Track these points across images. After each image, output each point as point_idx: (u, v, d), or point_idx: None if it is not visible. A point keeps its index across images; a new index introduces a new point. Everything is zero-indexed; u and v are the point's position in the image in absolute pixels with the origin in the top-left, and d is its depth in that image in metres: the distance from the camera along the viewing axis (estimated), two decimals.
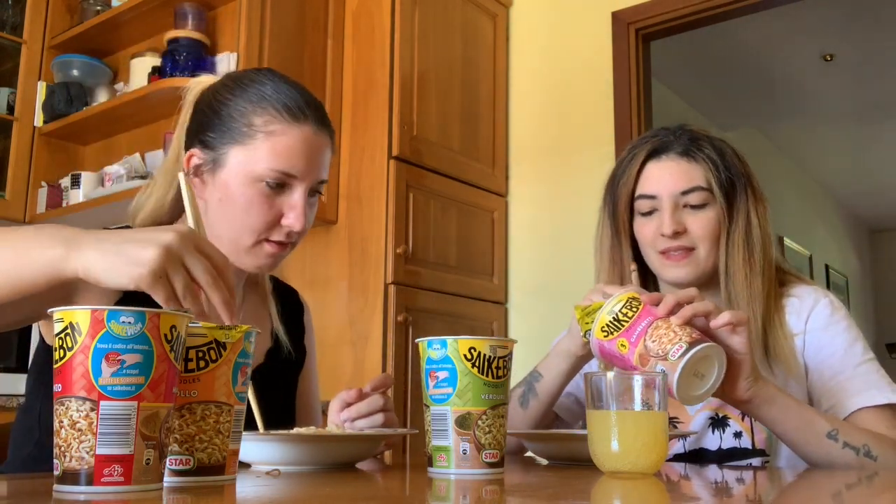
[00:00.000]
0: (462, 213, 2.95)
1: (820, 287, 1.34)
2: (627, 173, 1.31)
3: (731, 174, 1.28)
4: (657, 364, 0.95)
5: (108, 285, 0.79)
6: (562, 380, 1.25)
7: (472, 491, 0.77)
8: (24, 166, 2.94)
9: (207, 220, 1.16)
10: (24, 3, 2.98)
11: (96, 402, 0.64)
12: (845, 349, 1.24)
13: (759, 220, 1.29)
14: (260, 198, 1.12)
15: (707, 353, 0.96)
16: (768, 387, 1.07)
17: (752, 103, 5.48)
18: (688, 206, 1.28)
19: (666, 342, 0.96)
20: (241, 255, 1.16)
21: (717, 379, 0.99)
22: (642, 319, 0.99)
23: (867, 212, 8.27)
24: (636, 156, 1.31)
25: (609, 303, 1.02)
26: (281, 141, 1.12)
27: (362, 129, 2.79)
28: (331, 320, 2.71)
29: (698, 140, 1.30)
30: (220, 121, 1.14)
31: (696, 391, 0.98)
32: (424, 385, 0.90)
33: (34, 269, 0.81)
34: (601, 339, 1.01)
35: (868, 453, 1.08)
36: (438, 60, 2.94)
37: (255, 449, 0.94)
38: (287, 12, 2.70)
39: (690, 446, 1.29)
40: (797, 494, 0.87)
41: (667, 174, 1.28)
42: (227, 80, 1.20)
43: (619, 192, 1.32)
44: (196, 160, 1.16)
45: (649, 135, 1.34)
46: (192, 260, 0.80)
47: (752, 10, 2.94)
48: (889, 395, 1.19)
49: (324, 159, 1.17)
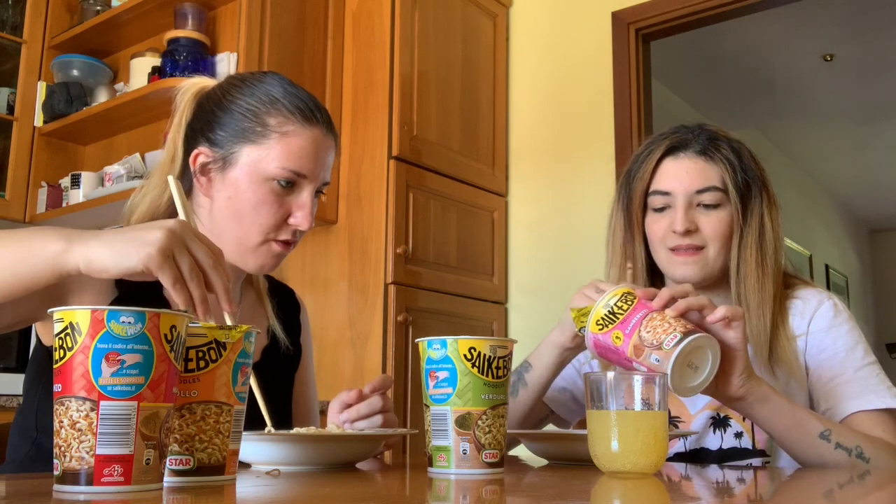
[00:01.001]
0: (462, 213, 2.95)
1: (824, 290, 1.34)
2: (643, 168, 1.31)
3: (747, 176, 1.28)
4: (651, 354, 0.95)
5: (113, 272, 0.80)
6: (551, 371, 1.26)
7: (472, 491, 0.77)
8: (24, 166, 2.94)
9: (213, 218, 1.17)
10: (24, 3, 2.98)
11: (96, 402, 0.64)
12: (846, 352, 1.24)
13: (773, 224, 1.29)
14: (270, 196, 1.14)
15: (702, 343, 0.97)
16: (762, 385, 1.07)
17: (752, 103, 5.48)
18: (701, 205, 1.27)
19: (661, 332, 0.96)
20: (246, 255, 1.17)
21: (712, 371, 0.99)
22: (637, 312, 0.99)
23: (867, 212, 8.27)
24: (653, 151, 1.31)
25: (604, 297, 1.02)
26: (294, 142, 1.14)
27: (362, 129, 2.79)
28: (331, 320, 2.71)
29: (716, 140, 1.30)
30: (230, 119, 1.16)
31: (690, 382, 0.98)
32: (424, 385, 0.90)
33: (34, 265, 0.82)
34: (596, 332, 1.01)
35: (860, 455, 1.08)
36: (438, 60, 2.94)
37: (255, 449, 0.94)
38: (287, 12, 2.70)
39: (691, 446, 1.29)
40: (794, 493, 0.87)
41: (683, 172, 1.27)
42: (234, 81, 1.21)
43: (633, 187, 1.32)
44: (203, 158, 1.17)
45: (668, 132, 1.33)
46: (195, 244, 0.83)
47: (752, 10, 2.94)
48: (887, 400, 1.18)
49: (330, 161, 1.20)
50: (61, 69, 2.98)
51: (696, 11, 2.89)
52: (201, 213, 1.19)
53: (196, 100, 1.22)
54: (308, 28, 2.78)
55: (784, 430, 1.08)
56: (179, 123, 1.22)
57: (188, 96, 1.23)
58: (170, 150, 1.23)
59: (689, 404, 1.30)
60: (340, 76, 2.87)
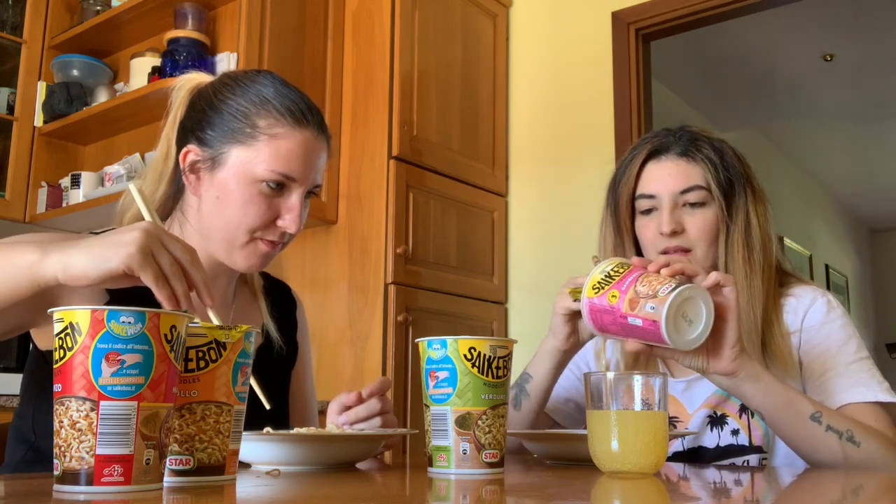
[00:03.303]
0: (462, 213, 2.95)
1: (819, 287, 1.34)
2: (628, 173, 1.34)
3: (729, 174, 1.30)
4: (647, 303, 0.96)
5: (93, 276, 0.80)
6: (550, 377, 1.27)
7: (472, 491, 0.77)
8: (24, 166, 2.94)
9: (201, 216, 1.17)
10: (24, 3, 2.98)
11: (96, 402, 0.64)
12: (838, 347, 1.25)
13: (759, 220, 1.30)
14: (259, 197, 1.13)
15: (695, 294, 0.98)
16: (753, 363, 1.07)
17: (752, 103, 5.48)
18: (687, 204, 1.29)
19: (656, 284, 0.98)
20: (234, 253, 1.17)
21: (707, 325, 0.99)
22: (633, 273, 1.02)
23: (867, 212, 8.27)
24: (636, 156, 1.34)
25: (601, 265, 1.05)
26: (284, 144, 1.13)
27: (362, 129, 2.79)
28: (331, 320, 2.71)
29: (697, 140, 1.32)
30: (220, 119, 1.15)
31: (686, 336, 0.98)
32: (424, 385, 0.90)
33: (12, 276, 0.83)
34: (592, 297, 1.03)
35: (851, 438, 1.08)
36: (438, 60, 2.94)
37: (255, 449, 0.94)
38: (287, 12, 2.70)
39: (689, 444, 1.30)
40: (797, 496, 0.87)
41: (665, 174, 1.30)
42: (226, 80, 1.20)
43: (620, 192, 1.34)
44: (193, 157, 1.16)
45: (650, 135, 1.36)
46: (171, 242, 0.84)
47: (752, 10, 2.94)
48: (877, 394, 1.19)
49: (321, 164, 1.19)
50: (61, 69, 2.98)
51: (696, 11, 2.89)
52: (190, 210, 1.19)
53: (190, 97, 1.22)
54: (308, 28, 2.78)
55: (776, 409, 1.08)
56: (174, 121, 1.22)
57: (183, 93, 1.22)
58: (163, 147, 1.23)
59: (687, 403, 1.31)
60: (340, 76, 2.87)
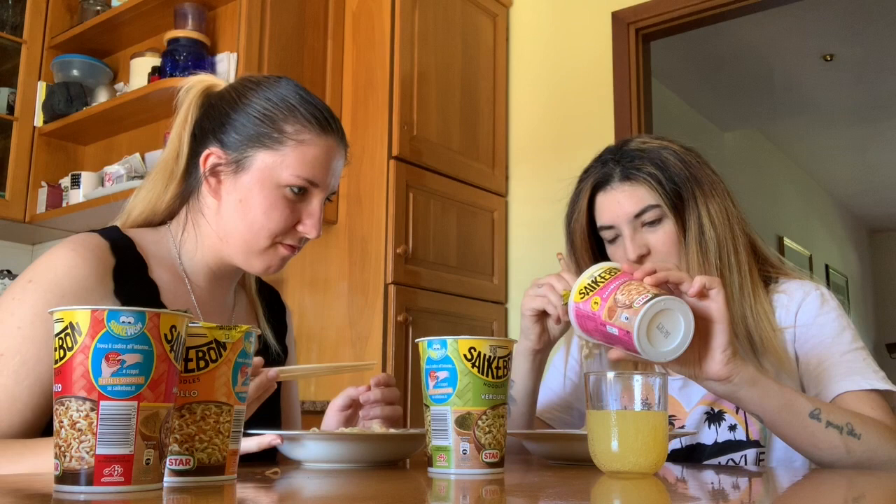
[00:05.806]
0: (462, 213, 2.95)
1: (810, 280, 1.34)
2: (577, 209, 1.36)
3: (675, 184, 1.29)
4: (623, 313, 0.96)
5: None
6: (531, 378, 1.29)
7: (472, 491, 0.77)
8: (24, 166, 2.94)
9: (220, 218, 1.18)
10: (24, 3, 2.98)
11: (96, 402, 0.64)
12: (833, 338, 1.25)
13: (712, 219, 1.28)
14: (282, 202, 1.15)
15: (672, 306, 0.96)
16: (748, 367, 1.05)
17: (752, 103, 5.48)
18: (645, 224, 1.29)
19: (634, 294, 0.97)
20: (252, 256, 1.18)
21: (684, 340, 0.97)
22: (617, 280, 1.01)
23: (867, 212, 8.27)
24: (582, 191, 1.35)
25: (591, 269, 1.05)
26: (310, 150, 1.15)
27: (362, 129, 2.79)
28: (331, 320, 2.71)
29: (635, 160, 1.31)
30: (246, 123, 1.15)
31: (660, 347, 0.97)
32: (424, 385, 0.90)
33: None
34: (578, 302, 1.03)
35: (851, 431, 1.08)
36: (438, 60, 2.94)
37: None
38: (287, 12, 2.70)
39: (687, 441, 1.30)
40: (798, 496, 0.87)
41: (615, 203, 1.30)
42: (249, 84, 1.20)
43: (573, 228, 1.37)
44: (215, 159, 1.16)
45: (591, 166, 1.37)
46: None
47: (752, 10, 2.94)
48: (873, 382, 1.19)
49: (340, 170, 1.22)
50: (61, 69, 2.98)
51: (696, 11, 2.89)
52: (207, 212, 1.19)
53: (204, 98, 1.21)
54: (308, 28, 2.78)
55: (774, 411, 1.08)
56: (185, 121, 1.21)
57: (193, 93, 1.21)
58: (174, 147, 1.22)
59: (684, 401, 1.31)
60: (340, 76, 2.87)
